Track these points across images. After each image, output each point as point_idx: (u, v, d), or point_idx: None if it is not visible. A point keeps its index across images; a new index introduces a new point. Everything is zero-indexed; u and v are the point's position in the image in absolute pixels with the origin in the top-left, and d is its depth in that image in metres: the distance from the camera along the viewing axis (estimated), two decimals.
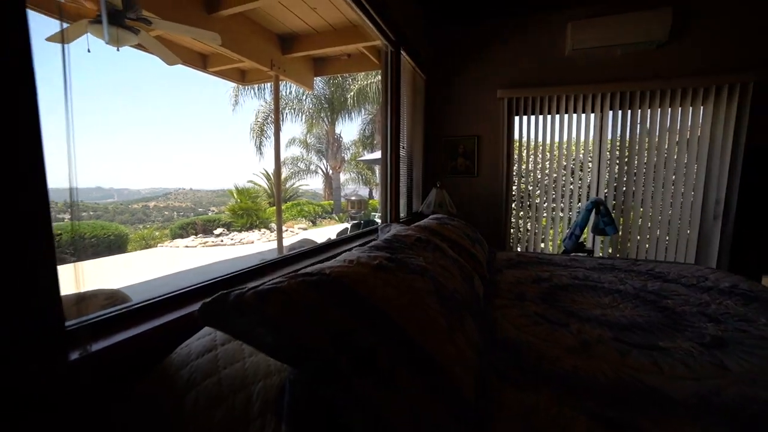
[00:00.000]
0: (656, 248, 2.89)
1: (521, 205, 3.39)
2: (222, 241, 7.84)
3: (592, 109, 2.97)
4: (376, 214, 9.49)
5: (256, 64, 3.88)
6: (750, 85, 2.54)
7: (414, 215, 3.05)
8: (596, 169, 3.02)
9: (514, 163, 3.32)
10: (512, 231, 3.39)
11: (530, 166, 3.30)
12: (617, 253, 3.01)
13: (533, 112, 3.18)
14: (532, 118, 3.19)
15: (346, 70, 5.52)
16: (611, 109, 2.91)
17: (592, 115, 3.00)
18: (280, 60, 4.12)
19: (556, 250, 3.34)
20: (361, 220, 9.30)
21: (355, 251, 0.84)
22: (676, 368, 0.78)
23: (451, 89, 3.43)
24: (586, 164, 3.09)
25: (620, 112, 2.90)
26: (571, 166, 3.13)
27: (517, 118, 3.26)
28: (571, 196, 3.18)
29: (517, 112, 3.24)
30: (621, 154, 2.95)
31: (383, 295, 0.66)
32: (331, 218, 12.13)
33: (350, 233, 1.97)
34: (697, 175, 2.75)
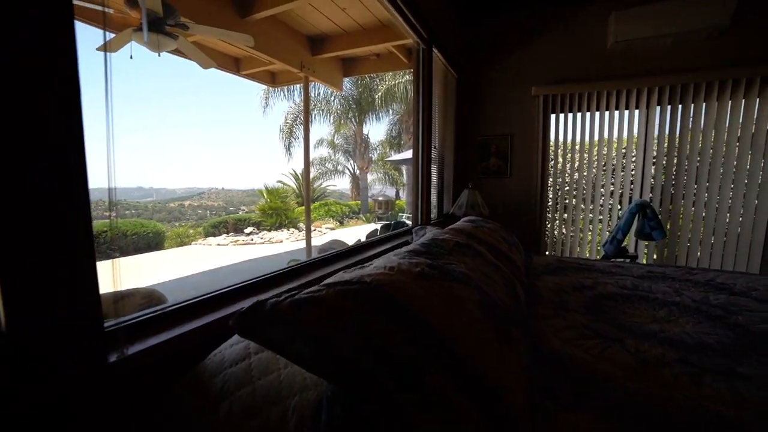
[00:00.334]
0: (710, 256, 2.66)
1: (556, 208, 3.23)
2: (252, 240, 8.04)
3: (636, 105, 2.78)
4: (403, 215, 9.43)
5: (287, 65, 3.94)
6: None
7: (445, 217, 2.98)
8: (640, 169, 2.82)
9: (550, 163, 3.17)
10: (547, 234, 3.24)
11: (567, 166, 3.13)
12: (663, 260, 2.80)
13: (570, 110, 3.02)
14: (569, 116, 3.04)
15: (375, 70, 5.51)
16: (659, 104, 2.71)
17: (636, 112, 2.80)
18: (310, 61, 4.17)
19: (594, 255, 3.16)
20: (390, 221, 9.28)
21: (394, 257, 0.79)
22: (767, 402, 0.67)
23: (483, 87, 3.33)
24: (629, 164, 2.89)
25: (669, 107, 2.69)
26: (612, 165, 2.95)
27: (553, 116, 3.11)
28: (611, 198, 2.99)
29: (553, 110, 3.09)
30: (669, 153, 2.73)
31: (427, 305, 0.62)
32: (358, 218, 12.18)
33: (381, 235, 1.93)
34: (764, 174, 2.48)
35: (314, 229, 8.93)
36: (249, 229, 9.00)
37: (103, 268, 0.72)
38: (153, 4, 2.25)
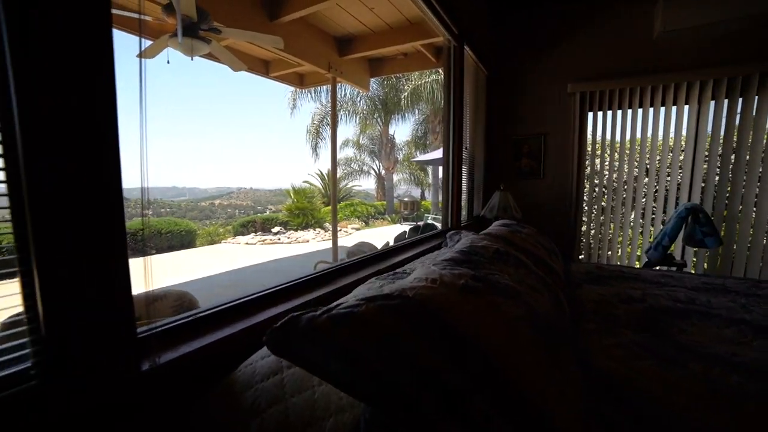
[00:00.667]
0: None
1: (592, 210, 3.06)
2: (279, 239, 8.18)
3: (686, 100, 2.57)
4: (429, 216, 9.31)
5: (315, 66, 3.96)
6: None
7: (475, 219, 2.88)
8: (689, 170, 2.61)
9: (586, 164, 3.01)
10: (582, 239, 3.07)
11: (605, 167, 2.96)
12: (716, 270, 2.57)
13: (609, 107, 2.85)
14: (608, 113, 2.86)
15: (402, 70, 5.46)
16: (713, 98, 2.48)
17: (686, 107, 2.59)
18: (337, 62, 4.17)
19: (633, 261, 2.97)
20: (417, 223, 9.18)
21: (434, 266, 0.74)
22: None
23: (516, 85, 3.20)
24: (675, 164, 2.69)
25: (726, 101, 2.45)
26: (656, 165, 2.75)
27: (590, 114, 2.94)
28: (654, 201, 2.80)
29: (591, 108, 2.93)
30: (725, 152, 2.50)
31: (474, 324, 0.56)
32: (383, 219, 12.16)
33: (410, 238, 1.88)
34: None
35: (340, 230, 8.99)
36: (276, 229, 9.17)
37: (138, 265, 0.72)
38: (188, 10, 2.30)
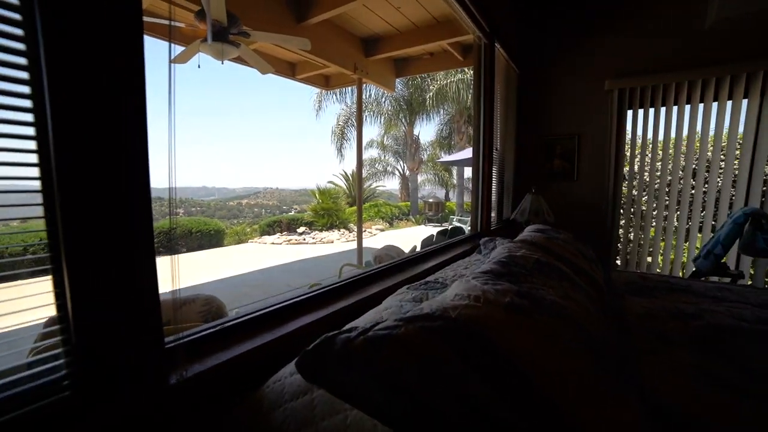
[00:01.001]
0: None
1: (631, 214, 2.88)
2: (304, 239, 8.28)
3: (745, 94, 2.34)
4: (454, 218, 9.16)
5: (341, 68, 3.96)
6: None
7: (505, 223, 2.78)
8: (746, 170, 2.38)
9: (625, 165, 2.84)
10: (619, 245, 2.90)
11: (645, 168, 2.77)
12: None
13: (652, 104, 2.67)
14: (651, 110, 2.68)
15: (428, 70, 5.39)
16: None
17: (745, 101, 2.36)
18: (363, 63, 4.16)
19: (677, 270, 2.77)
20: (444, 226, 9.07)
21: (473, 280, 0.69)
22: None
23: (548, 83, 3.07)
24: (729, 164, 2.48)
25: None
26: (705, 166, 2.55)
27: (629, 112, 2.77)
28: (704, 205, 2.59)
29: (630, 105, 2.76)
30: None
31: (524, 349, 0.50)
32: (408, 220, 12.08)
33: (439, 243, 1.82)
34: None
35: (364, 230, 8.99)
36: (301, 229, 9.29)
37: (168, 264, 0.70)
38: (218, 15, 2.34)
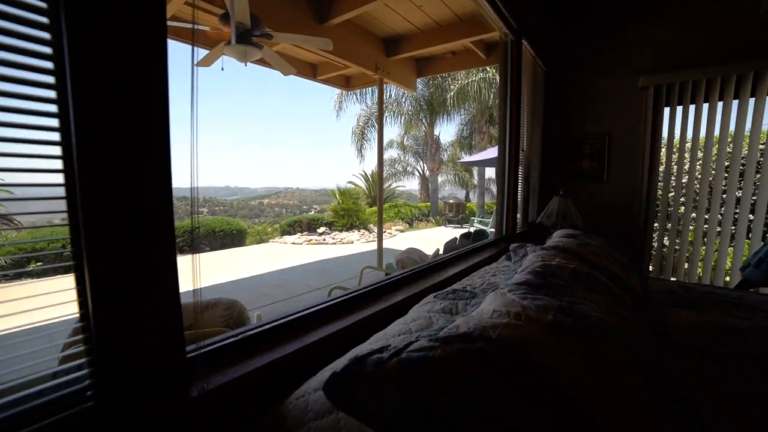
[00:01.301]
0: None
1: (667, 218, 2.72)
2: (324, 239, 8.33)
3: None
4: (475, 219, 9.01)
5: (362, 68, 3.95)
6: None
7: (531, 226, 2.68)
8: None
9: (660, 166, 2.68)
10: (653, 251, 2.75)
11: (683, 169, 2.61)
12: None
13: (693, 101, 2.50)
14: (691, 108, 2.52)
15: (450, 69, 5.32)
16: None
17: None
18: (384, 63, 4.14)
19: (720, 280, 2.59)
20: (465, 227, 8.95)
21: (510, 294, 0.63)
22: None
23: (576, 81, 2.94)
24: None
25: None
26: (755, 167, 2.37)
27: (666, 110, 2.62)
28: (753, 209, 2.42)
29: (668, 102, 2.60)
30: None
31: (572, 374, 0.45)
32: (428, 221, 11.97)
33: (464, 248, 1.76)
34: None
35: (384, 231, 8.98)
36: (321, 229, 9.35)
37: (192, 263, 0.69)
38: (242, 17, 2.35)
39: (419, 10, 3.38)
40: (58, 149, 0.47)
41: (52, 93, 0.47)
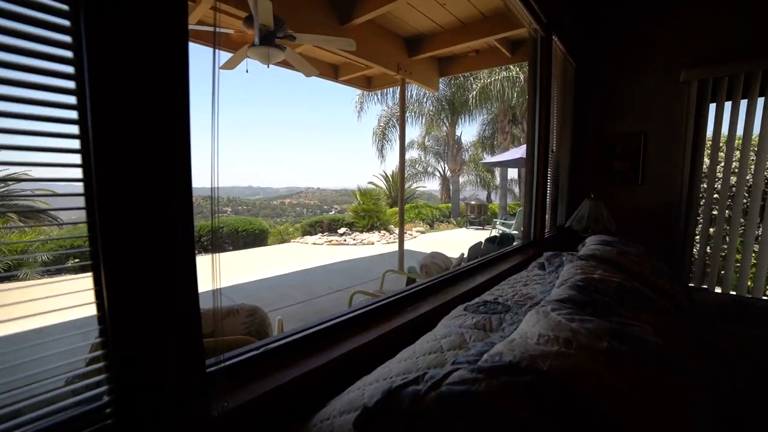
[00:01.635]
0: None
1: (711, 222, 2.53)
2: (345, 240, 8.35)
3: None
4: (498, 221, 8.81)
5: (384, 68, 3.91)
6: None
7: (559, 230, 2.56)
8: None
9: (704, 167, 2.50)
10: (693, 259, 2.56)
11: (731, 170, 2.42)
12: None
13: (744, 95, 2.31)
14: (743, 102, 2.32)
15: (474, 68, 5.21)
16: None
17: None
18: (406, 63, 4.09)
19: None
20: (488, 228, 8.78)
21: (554, 314, 0.57)
22: None
23: (609, 77, 2.79)
24: None
25: None
26: None
27: (712, 106, 2.43)
28: None
29: (714, 98, 2.41)
30: None
31: (635, 415, 0.39)
32: (449, 222, 11.80)
33: (491, 254, 1.68)
34: None
35: (405, 232, 8.92)
36: (342, 230, 9.38)
37: (219, 262, 0.66)
38: (265, 19, 2.36)
39: (443, 9, 3.31)
40: (76, 142, 0.45)
41: (71, 83, 0.45)
